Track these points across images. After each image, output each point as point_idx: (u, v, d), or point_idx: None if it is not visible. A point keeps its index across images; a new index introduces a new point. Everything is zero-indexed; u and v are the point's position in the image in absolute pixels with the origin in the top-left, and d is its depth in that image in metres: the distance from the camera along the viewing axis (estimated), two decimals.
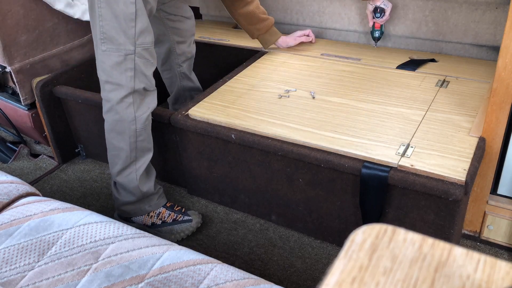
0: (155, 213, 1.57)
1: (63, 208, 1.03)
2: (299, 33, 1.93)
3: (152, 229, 1.57)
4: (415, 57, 1.78)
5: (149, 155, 1.52)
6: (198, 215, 1.60)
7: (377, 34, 1.83)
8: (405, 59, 1.77)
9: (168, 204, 1.61)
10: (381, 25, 1.79)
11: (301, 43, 1.95)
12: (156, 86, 1.49)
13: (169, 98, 1.98)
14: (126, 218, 1.59)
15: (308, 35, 1.94)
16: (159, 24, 1.72)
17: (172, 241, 1.32)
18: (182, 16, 1.75)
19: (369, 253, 0.38)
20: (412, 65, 1.71)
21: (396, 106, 1.46)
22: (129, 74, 1.37)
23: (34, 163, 2.01)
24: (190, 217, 1.57)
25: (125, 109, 1.41)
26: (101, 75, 1.41)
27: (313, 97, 1.55)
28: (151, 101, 1.47)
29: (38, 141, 2.13)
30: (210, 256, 0.93)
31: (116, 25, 1.31)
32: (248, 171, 1.50)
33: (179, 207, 1.61)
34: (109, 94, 1.41)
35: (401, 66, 1.71)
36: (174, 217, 1.57)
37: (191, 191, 1.75)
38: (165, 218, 1.57)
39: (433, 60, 1.74)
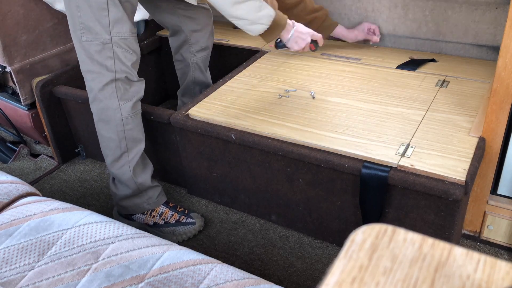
0: (158, 212, 1.57)
1: (63, 208, 1.03)
2: (366, 26, 1.83)
3: (154, 228, 1.57)
4: (415, 57, 1.78)
5: (141, 146, 1.51)
6: (201, 218, 1.59)
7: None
8: (405, 59, 1.77)
9: (171, 204, 1.60)
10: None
11: None
12: (158, 83, 1.48)
13: (179, 90, 1.94)
14: (126, 216, 1.59)
15: (374, 32, 1.82)
16: (172, 15, 1.70)
17: (173, 241, 1.32)
18: (193, 5, 1.70)
19: (369, 253, 0.38)
20: (412, 65, 1.71)
21: (396, 106, 1.46)
22: (109, 63, 1.37)
23: (34, 163, 2.01)
24: (193, 220, 1.56)
25: (108, 96, 1.40)
26: (82, 66, 1.41)
27: (313, 97, 1.55)
28: (138, 91, 1.45)
29: (38, 141, 2.13)
30: (210, 256, 0.93)
31: (91, 15, 1.32)
32: (248, 171, 1.50)
33: (182, 208, 1.60)
34: (91, 83, 1.41)
35: (401, 66, 1.71)
36: (177, 218, 1.56)
37: (191, 191, 1.75)
38: (168, 219, 1.56)
39: (433, 60, 1.74)
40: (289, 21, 1.47)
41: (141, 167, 1.53)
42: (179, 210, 1.59)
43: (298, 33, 1.51)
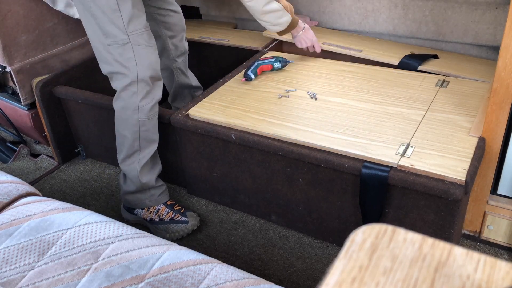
0: (155, 209, 1.59)
1: (63, 208, 1.03)
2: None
3: (150, 224, 1.60)
4: (416, 52, 1.78)
5: (154, 146, 1.55)
6: (196, 218, 1.60)
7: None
8: (406, 53, 1.76)
9: (169, 202, 1.62)
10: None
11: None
12: None
13: (169, 97, 1.99)
14: (128, 209, 1.64)
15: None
16: (151, 20, 1.72)
17: (167, 239, 1.32)
18: (170, 10, 1.76)
19: (369, 253, 0.38)
20: (415, 59, 1.70)
21: (396, 106, 1.46)
22: (132, 64, 1.41)
23: (34, 163, 2.01)
24: (187, 219, 1.58)
25: (129, 97, 1.45)
26: (107, 68, 1.46)
27: (311, 97, 1.55)
28: (156, 92, 1.50)
29: (38, 141, 2.13)
30: (210, 256, 0.93)
31: (106, 19, 1.37)
32: (248, 171, 1.50)
33: (179, 207, 1.62)
34: (115, 83, 1.46)
35: (404, 60, 1.70)
36: (172, 216, 1.58)
37: (191, 191, 1.75)
38: (163, 216, 1.58)
39: (435, 56, 1.74)
40: (301, 23, 1.74)
41: (149, 167, 1.56)
42: (176, 208, 1.61)
43: (304, 35, 1.76)
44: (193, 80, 1.95)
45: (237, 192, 1.59)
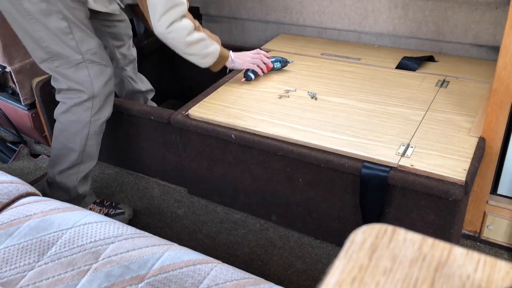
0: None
1: (63, 208, 1.03)
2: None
3: None
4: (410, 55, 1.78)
5: (93, 163, 1.57)
6: (129, 208, 1.65)
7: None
8: None
9: (98, 200, 1.65)
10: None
11: (303, 44, 1.94)
12: (158, 83, 1.49)
13: None
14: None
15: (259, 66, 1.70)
16: (96, 31, 1.69)
17: None
18: (115, 20, 1.74)
19: (369, 253, 0.38)
20: (413, 61, 1.70)
21: (396, 106, 1.46)
22: (87, 81, 1.44)
23: (34, 163, 2.01)
24: (122, 210, 1.62)
25: (83, 111, 1.47)
26: (60, 85, 1.47)
27: (311, 97, 1.55)
28: (108, 108, 1.53)
29: (38, 141, 2.13)
30: (210, 256, 0.93)
31: (58, 41, 1.39)
32: (248, 171, 1.50)
33: (109, 202, 1.65)
34: (68, 101, 1.47)
35: (403, 60, 1.70)
36: (106, 212, 1.61)
37: (191, 191, 1.75)
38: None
39: (431, 58, 1.74)
40: (230, 52, 1.64)
41: (84, 179, 1.58)
42: (107, 204, 1.63)
43: (236, 56, 1.64)
44: (143, 85, 1.94)
45: (237, 192, 1.59)
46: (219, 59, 1.58)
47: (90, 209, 1.61)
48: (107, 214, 1.60)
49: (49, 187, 1.58)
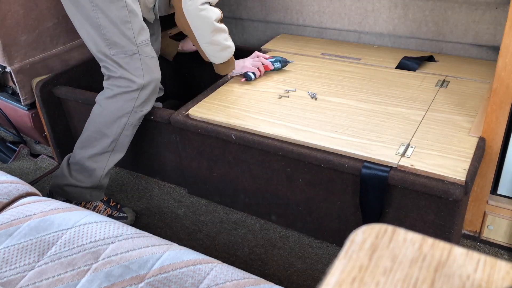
0: (92, 205, 1.61)
1: (63, 208, 1.03)
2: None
3: None
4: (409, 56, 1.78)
5: (121, 155, 1.58)
6: (133, 213, 1.64)
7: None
8: None
9: (105, 199, 1.64)
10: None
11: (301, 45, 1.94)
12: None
13: None
14: (59, 197, 1.59)
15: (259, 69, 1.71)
16: None
17: None
18: None
19: (369, 253, 0.38)
20: (413, 61, 1.70)
21: (396, 106, 1.46)
22: (139, 73, 1.47)
23: (34, 163, 2.01)
24: (125, 214, 1.62)
25: (127, 101, 1.49)
26: (112, 72, 1.49)
27: (311, 97, 1.55)
28: (150, 103, 1.55)
29: (38, 141, 2.13)
30: (210, 256, 0.93)
31: (116, 30, 1.41)
32: (248, 171, 1.50)
33: (115, 203, 1.65)
34: (118, 85, 1.48)
35: (404, 60, 1.71)
36: (110, 212, 1.61)
37: (191, 191, 1.75)
38: (101, 213, 1.60)
39: (431, 58, 1.74)
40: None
41: (109, 172, 1.59)
42: (112, 204, 1.63)
43: (237, 64, 1.68)
44: None
45: (237, 192, 1.59)
46: (230, 60, 1.63)
47: (96, 205, 1.61)
48: (110, 215, 1.59)
49: (69, 167, 1.57)
